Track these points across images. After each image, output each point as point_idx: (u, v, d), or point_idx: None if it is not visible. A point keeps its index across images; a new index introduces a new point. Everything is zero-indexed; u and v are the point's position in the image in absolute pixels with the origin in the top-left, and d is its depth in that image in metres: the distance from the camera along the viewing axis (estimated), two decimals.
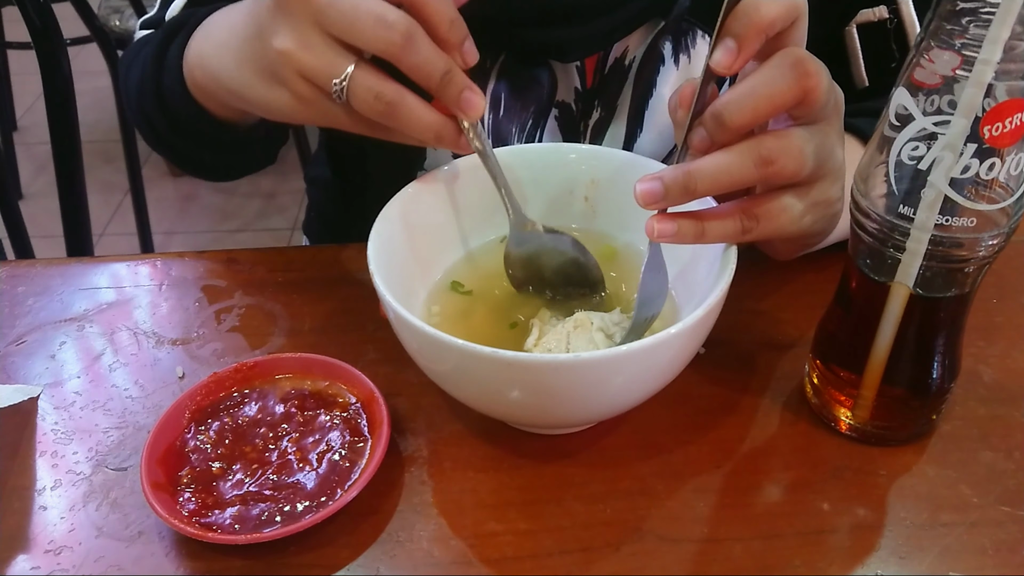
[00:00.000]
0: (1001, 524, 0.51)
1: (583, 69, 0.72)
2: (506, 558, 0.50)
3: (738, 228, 0.52)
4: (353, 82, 0.52)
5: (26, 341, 0.66)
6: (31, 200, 2.50)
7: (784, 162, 0.49)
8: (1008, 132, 0.43)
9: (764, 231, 0.52)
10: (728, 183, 0.50)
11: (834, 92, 0.52)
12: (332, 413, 0.56)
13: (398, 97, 0.52)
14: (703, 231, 0.52)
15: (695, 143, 0.51)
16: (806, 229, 0.54)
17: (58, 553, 0.51)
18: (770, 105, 0.49)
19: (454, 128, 0.55)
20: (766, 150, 0.49)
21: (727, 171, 0.50)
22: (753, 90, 0.49)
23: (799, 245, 0.62)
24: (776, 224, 0.52)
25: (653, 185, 0.51)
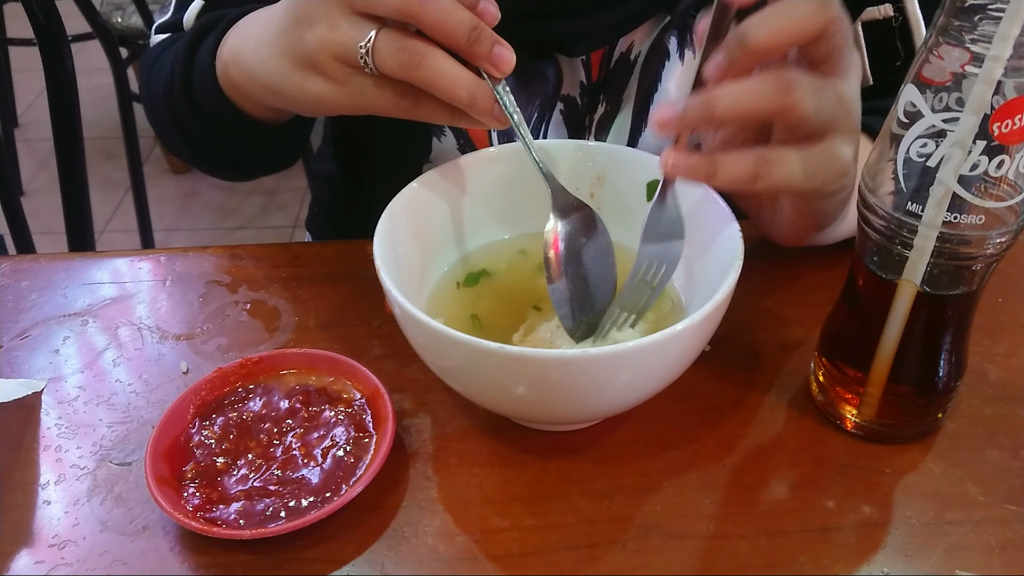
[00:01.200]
0: (1007, 522, 0.51)
1: (588, 63, 0.72)
2: (511, 554, 0.50)
3: (751, 171, 0.51)
4: (378, 42, 0.52)
5: (29, 336, 0.66)
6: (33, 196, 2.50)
7: (802, 93, 0.49)
8: (1017, 129, 0.43)
9: (776, 179, 0.51)
10: (748, 107, 0.49)
11: (854, 53, 0.52)
12: (337, 409, 0.56)
13: (424, 49, 0.52)
14: (716, 170, 0.51)
15: (710, 71, 0.50)
16: (817, 187, 0.53)
17: (62, 548, 0.51)
18: (793, 29, 0.48)
19: (488, 89, 0.53)
20: (787, 78, 0.49)
21: (747, 94, 0.49)
22: (778, 11, 0.49)
23: (808, 219, 0.60)
24: (788, 173, 0.51)
25: (670, 108, 0.50)
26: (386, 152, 0.79)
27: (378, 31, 0.52)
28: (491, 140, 0.75)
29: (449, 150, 0.76)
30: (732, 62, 0.49)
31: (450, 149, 0.76)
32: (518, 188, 0.64)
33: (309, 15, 0.54)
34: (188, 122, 0.70)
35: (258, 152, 0.74)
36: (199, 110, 0.68)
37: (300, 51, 0.55)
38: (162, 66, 0.73)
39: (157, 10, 2.10)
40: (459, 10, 0.51)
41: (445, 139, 0.76)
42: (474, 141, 0.75)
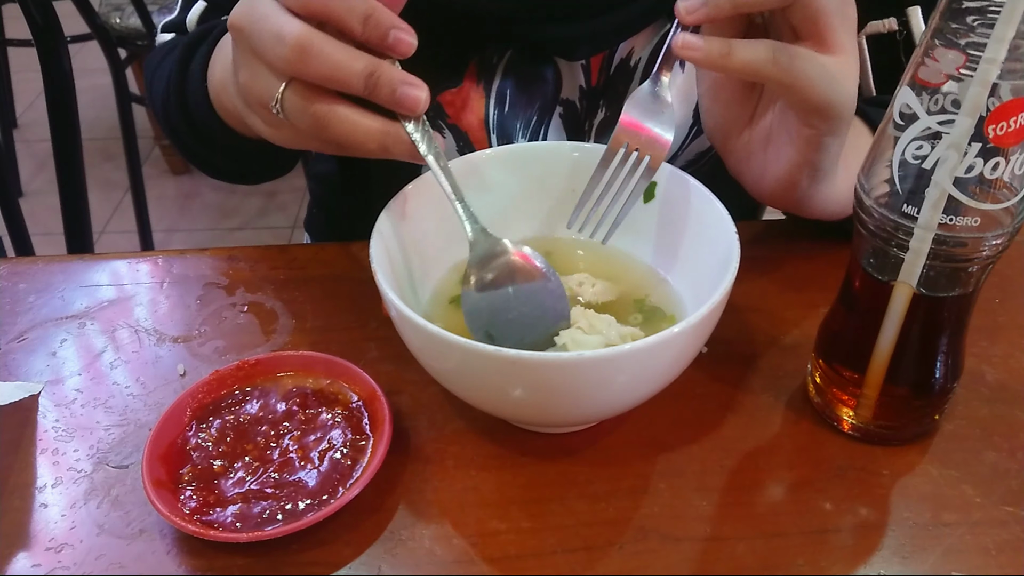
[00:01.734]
0: (1004, 524, 0.51)
1: (588, 68, 0.72)
2: (508, 556, 0.50)
3: (769, 56, 0.51)
4: (285, 101, 0.52)
5: (27, 338, 0.66)
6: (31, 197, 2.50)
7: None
8: (1013, 131, 0.43)
9: (794, 74, 0.51)
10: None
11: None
12: (334, 411, 0.56)
13: (326, 109, 0.51)
14: (730, 50, 0.51)
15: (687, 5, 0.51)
16: (836, 100, 0.53)
17: (59, 551, 0.51)
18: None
19: (399, 133, 0.52)
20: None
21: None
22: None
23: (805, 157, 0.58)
24: (811, 72, 0.51)
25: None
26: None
27: (284, 88, 0.51)
28: (490, 143, 0.75)
29: (449, 152, 0.76)
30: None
31: (450, 151, 0.76)
32: (516, 190, 0.64)
33: (237, 60, 0.54)
34: (186, 136, 0.71)
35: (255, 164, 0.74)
36: (195, 126, 0.69)
37: (240, 96, 0.56)
38: (160, 77, 0.73)
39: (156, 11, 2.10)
40: (348, 59, 0.50)
41: (445, 141, 0.76)
42: (473, 143, 0.75)
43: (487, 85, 0.73)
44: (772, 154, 0.59)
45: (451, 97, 0.73)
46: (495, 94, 0.73)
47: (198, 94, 0.66)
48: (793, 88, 0.52)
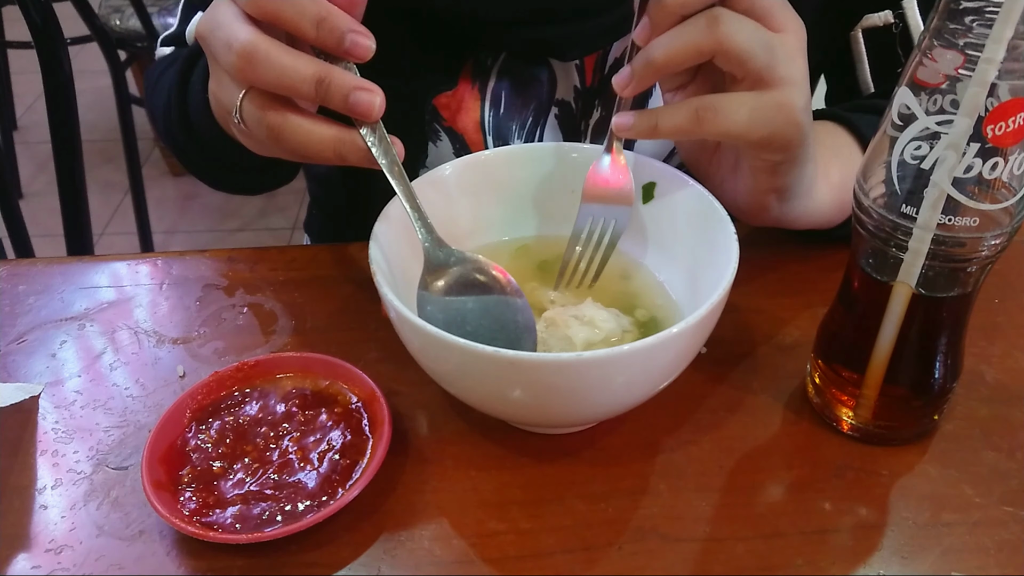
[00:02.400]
0: (1003, 524, 0.51)
1: (583, 68, 0.72)
2: (508, 557, 0.50)
3: (693, 116, 0.52)
4: (243, 111, 0.52)
5: (27, 340, 0.66)
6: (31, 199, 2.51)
7: (736, 28, 0.50)
8: (1011, 132, 0.43)
9: (723, 124, 0.52)
10: (682, 47, 0.51)
11: (792, 15, 0.54)
12: (333, 412, 0.56)
13: (280, 119, 0.51)
14: (656, 121, 0.53)
15: (637, 34, 0.53)
16: (774, 136, 0.53)
17: (59, 552, 0.51)
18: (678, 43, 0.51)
19: (354, 141, 0.51)
20: (716, 12, 0.50)
21: (680, 35, 0.51)
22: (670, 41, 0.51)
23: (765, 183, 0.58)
24: (736, 118, 0.52)
25: (623, 70, 0.54)
26: None
27: (242, 97, 0.51)
28: (486, 145, 0.75)
29: (445, 154, 0.76)
30: (654, 23, 0.52)
31: (446, 153, 0.76)
32: (515, 191, 0.64)
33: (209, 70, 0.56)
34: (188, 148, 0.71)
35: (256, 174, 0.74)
36: (197, 138, 0.69)
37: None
38: (161, 90, 0.73)
39: (155, 12, 2.10)
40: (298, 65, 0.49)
41: (441, 143, 0.76)
42: (469, 145, 0.75)
43: (482, 87, 0.73)
44: (740, 181, 0.60)
45: (446, 100, 0.74)
46: (490, 96, 0.73)
47: (199, 105, 0.66)
48: (727, 135, 0.54)
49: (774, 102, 0.52)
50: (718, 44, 0.51)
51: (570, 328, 0.56)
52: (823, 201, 0.63)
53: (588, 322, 0.57)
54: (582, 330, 0.56)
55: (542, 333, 0.56)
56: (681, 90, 0.57)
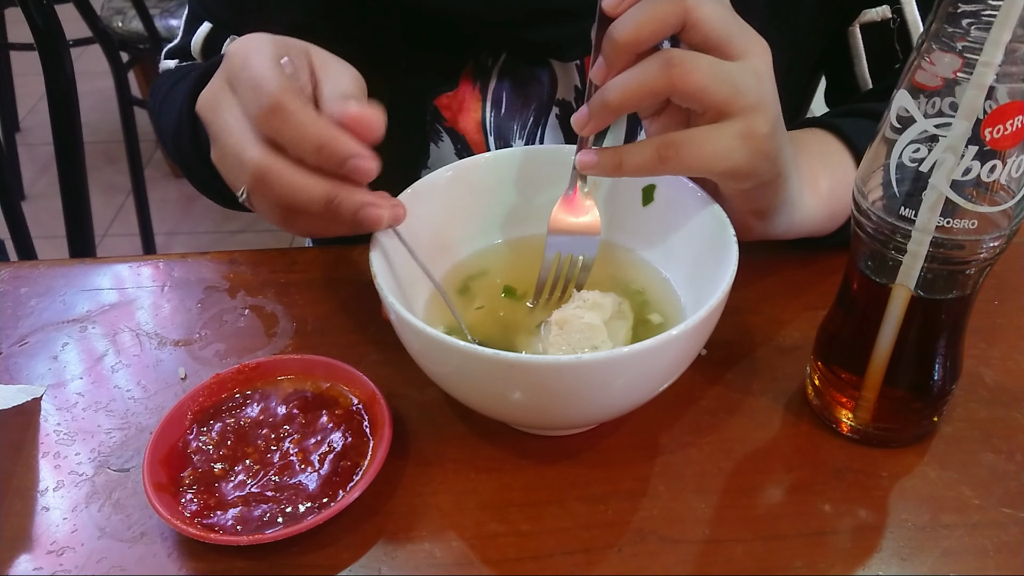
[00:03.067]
0: (1002, 526, 0.51)
1: (583, 68, 0.72)
2: (508, 559, 0.50)
3: (655, 155, 0.52)
4: (250, 198, 0.55)
5: (29, 342, 0.66)
6: (33, 201, 2.51)
7: (690, 67, 0.50)
8: (1009, 134, 0.43)
9: (686, 161, 0.52)
10: (637, 89, 0.51)
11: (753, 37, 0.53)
12: (334, 414, 0.56)
13: (288, 213, 0.55)
14: (620, 161, 0.53)
15: (594, 72, 0.53)
16: (739, 166, 0.53)
17: (60, 554, 0.51)
18: (652, 20, 0.50)
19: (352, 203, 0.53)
20: (669, 55, 0.50)
21: (634, 77, 0.51)
22: (638, 8, 0.51)
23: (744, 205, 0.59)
24: (699, 154, 0.52)
25: (580, 110, 0.54)
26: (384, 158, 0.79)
27: (246, 187, 0.54)
28: (488, 145, 0.75)
29: (446, 154, 0.76)
30: (608, 62, 0.52)
31: (447, 153, 0.76)
32: (515, 192, 0.64)
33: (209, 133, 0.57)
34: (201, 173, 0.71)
35: None
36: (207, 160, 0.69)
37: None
38: (169, 109, 0.73)
39: (157, 14, 2.11)
40: (311, 185, 0.51)
41: (443, 144, 0.76)
42: (471, 146, 0.76)
43: (483, 88, 0.73)
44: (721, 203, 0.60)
45: (447, 100, 0.74)
46: (491, 96, 0.73)
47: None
48: (692, 171, 0.54)
49: (737, 133, 0.52)
50: (672, 86, 0.50)
51: (583, 317, 0.56)
52: (811, 212, 0.62)
53: (593, 305, 0.57)
54: (594, 313, 0.56)
55: (557, 336, 0.56)
56: (656, 116, 0.57)
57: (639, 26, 0.50)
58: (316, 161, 0.51)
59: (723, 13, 0.52)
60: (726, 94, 0.51)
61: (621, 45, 0.51)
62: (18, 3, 1.25)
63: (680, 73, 0.50)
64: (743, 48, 0.52)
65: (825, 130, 0.67)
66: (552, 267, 0.60)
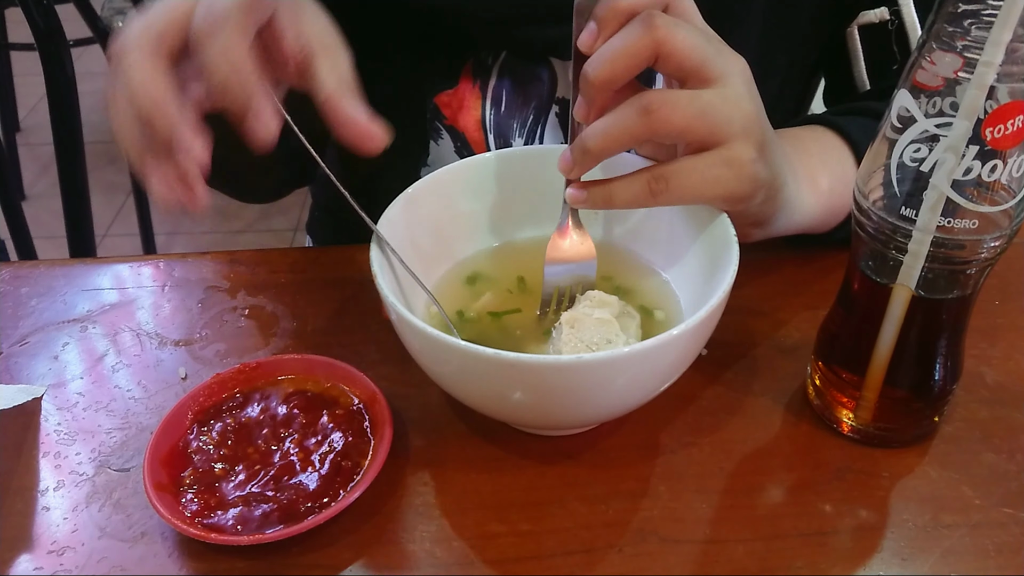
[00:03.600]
0: (1003, 526, 0.51)
1: None
2: (508, 559, 0.50)
3: (645, 189, 0.52)
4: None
5: (29, 342, 0.66)
6: (34, 201, 2.51)
7: (667, 111, 0.50)
8: (1010, 134, 0.43)
9: (676, 193, 0.52)
10: (617, 136, 0.51)
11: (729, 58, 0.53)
12: (334, 414, 0.56)
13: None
14: (610, 195, 0.53)
15: (576, 112, 0.54)
16: (730, 193, 0.53)
17: (61, 554, 0.51)
18: (623, 55, 0.50)
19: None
20: (647, 100, 0.50)
21: (614, 124, 0.51)
22: (608, 45, 0.51)
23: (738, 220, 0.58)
24: (688, 184, 0.52)
25: (564, 155, 0.54)
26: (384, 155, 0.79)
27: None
28: (487, 144, 0.75)
29: (446, 152, 0.76)
30: (588, 100, 0.52)
31: (447, 152, 0.76)
32: (515, 193, 0.64)
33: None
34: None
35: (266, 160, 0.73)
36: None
37: None
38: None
39: None
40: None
41: (442, 142, 0.76)
42: (471, 144, 0.76)
43: (483, 86, 0.73)
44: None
45: (447, 99, 0.74)
46: (491, 95, 0.73)
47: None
48: (682, 202, 0.54)
49: (722, 160, 0.52)
50: (653, 131, 0.51)
51: (594, 314, 0.56)
52: (810, 210, 0.63)
53: (600, 302, 0.57)
54: (603, 310, 0.56)
55: (570, 334, 0.56)
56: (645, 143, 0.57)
57: (613, 64, 0.50)
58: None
59: (695, 38, 0.51)
60: (708, 129, 0.51)
61: (597, 85, 0.51)
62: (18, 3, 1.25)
63: (659, 118, 0.50)
64: (719, 72, 0.52)
65: (824, 127, 0.67)
66: (552, 300, 0.61)
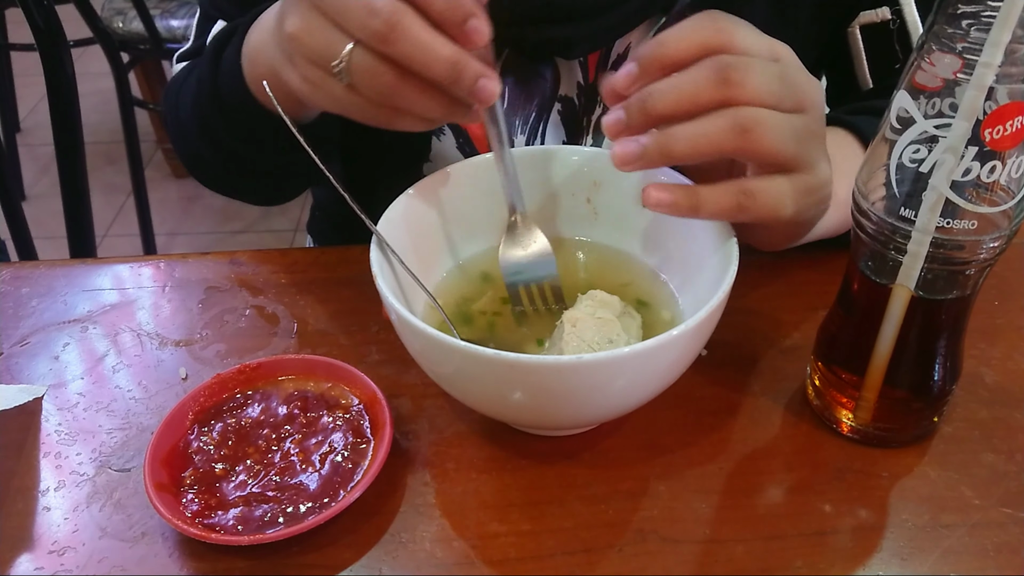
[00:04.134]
0: (1002, 526, 0.51)
1: (585, 64, 0.72)
2: (508, 559, 0.50)
3: (733, 203, 0.51)
4: (352, 64, 0.50)
5: (30, 342, 0.67)
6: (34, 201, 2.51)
7: (761, 132, 0.49)
8: (1009, 135, 0.43)
9: (760, 211, 0.51)
10: (707, 146, 0.49)
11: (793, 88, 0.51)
12: (335, 414, 0.56)
13: (398, 80, 0.50)
14: (698, 203, 0.51)
15: (609, 124, 0.51)
16: (800, 215, 0.53)
17: (61, 554, 0.51)
18: (691, 102, 0.49)
19: (463, 111, 0.53)
20: (743, 117, 0.49)
21: (705, 133, 0.49)
22: (677, 85, 0.49)
23: (790, 234, 0.60)
24: (772, 204, 0.51)
25: (630, 146, 0.50)
26: (385, 153, 0.79)
27: (352, 50, 0.50)
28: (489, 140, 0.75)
29: (448, 150, 0.76)
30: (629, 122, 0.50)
31: (449, 149, 0.76)
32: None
33: (287, 10, 0.53)
34: (217, 131, 0.69)
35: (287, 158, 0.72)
36: (228, 116, 0.67)
37: (284, 46, 0.54)
38: (189, 84, 0.72)
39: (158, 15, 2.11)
40: (434, 44, 0.49)
41: (444, 138, 0.76)
42: (473, 141, 0.76)
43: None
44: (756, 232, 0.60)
45: None
46: None
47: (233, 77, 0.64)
48: (759, 219, 0.52)
49: (807, 188, 0.52)
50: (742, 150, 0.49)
51: (596, 314, 0.56)
52: (829, 220, 0.62)
53: (602, 302, 0.56)
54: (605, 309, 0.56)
55: (571, 333, 0.56)
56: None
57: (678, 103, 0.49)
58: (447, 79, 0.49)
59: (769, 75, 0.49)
60: (791, 153, 0.50)
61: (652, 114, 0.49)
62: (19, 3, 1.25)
63: (753, 140, 0.49)
64: (797, 105, 0.51)
65: (846, 130, 0.67)
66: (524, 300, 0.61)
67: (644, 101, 0.50)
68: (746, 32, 0.51)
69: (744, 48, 0.50)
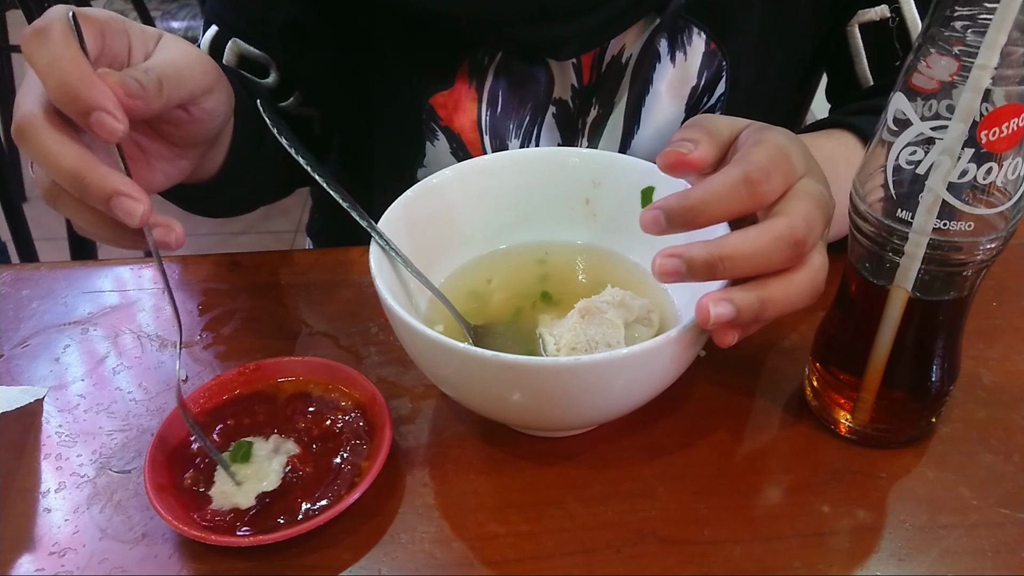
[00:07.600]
0: (1000, 526, 0.51)
1: (579, 66, 0.72)
2: (507, 560, 0.51)
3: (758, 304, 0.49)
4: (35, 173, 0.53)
5: (30, 344, 0.67)
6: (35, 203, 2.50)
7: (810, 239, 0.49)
8: (1005, 137, 0.43)
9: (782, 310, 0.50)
10: (764, 265, 0.48)
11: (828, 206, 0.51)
12: (334, 415, 0.56)
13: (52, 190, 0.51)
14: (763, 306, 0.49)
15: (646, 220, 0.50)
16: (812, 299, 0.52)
17: (62, 555, 0.52)
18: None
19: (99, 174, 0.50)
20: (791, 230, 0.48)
21: (763, 253, 0.48)
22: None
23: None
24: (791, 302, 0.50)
25: (673, 263, 0.48)
26: (381, 156, 0.80)
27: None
28: (483, 145, 0.75)
29: (442, 153, 0.76)
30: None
31: (443, 153, 0.76)
32: (515, 197, 0.65)
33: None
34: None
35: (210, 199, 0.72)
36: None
37: None
38: None
39: (159, 16, 2.11)
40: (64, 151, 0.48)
41: (438, 143, 0.76)
42: (466, 145, 0.76)
43: (479, 86, 0.73)
44: None
45: (443, 99, 0.74)
46: (487, 95, 0.73)
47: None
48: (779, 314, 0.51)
49: (813, 272, 0.51)
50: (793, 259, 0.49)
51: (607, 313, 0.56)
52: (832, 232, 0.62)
53: (620, 303, 0.56)
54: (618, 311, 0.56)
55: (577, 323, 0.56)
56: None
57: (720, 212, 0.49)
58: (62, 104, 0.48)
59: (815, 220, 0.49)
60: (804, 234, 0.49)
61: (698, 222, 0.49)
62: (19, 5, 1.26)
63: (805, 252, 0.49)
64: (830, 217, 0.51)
65: (848, 131, 0.67)
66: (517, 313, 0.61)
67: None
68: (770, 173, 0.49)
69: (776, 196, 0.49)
